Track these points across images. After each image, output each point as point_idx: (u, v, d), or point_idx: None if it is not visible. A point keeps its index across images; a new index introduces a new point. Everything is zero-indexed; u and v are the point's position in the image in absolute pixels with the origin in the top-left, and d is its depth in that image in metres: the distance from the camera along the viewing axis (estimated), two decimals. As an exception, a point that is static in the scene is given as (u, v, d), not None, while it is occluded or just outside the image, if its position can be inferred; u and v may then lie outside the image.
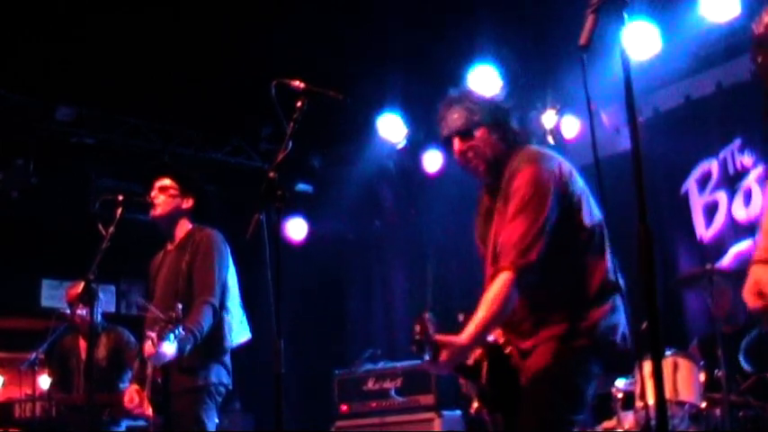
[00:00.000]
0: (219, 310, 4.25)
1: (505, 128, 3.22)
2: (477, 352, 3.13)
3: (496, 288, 2.97)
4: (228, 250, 4.42)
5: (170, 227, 4.51)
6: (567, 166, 3.15)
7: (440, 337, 2.89)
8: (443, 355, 2.89)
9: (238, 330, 4.36)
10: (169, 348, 3.89)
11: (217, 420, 4.32)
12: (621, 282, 3.11)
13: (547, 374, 3.02)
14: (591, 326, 3.02)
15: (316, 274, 9.07)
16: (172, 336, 3.84)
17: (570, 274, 3.07)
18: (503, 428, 3.12)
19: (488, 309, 2.96)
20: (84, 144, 8.01)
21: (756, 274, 2.41)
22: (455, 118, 3.21)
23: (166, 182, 4.47)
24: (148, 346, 3.91)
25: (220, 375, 4.29)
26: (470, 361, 3.12)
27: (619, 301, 3.09)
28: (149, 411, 4.11)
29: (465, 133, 3.19)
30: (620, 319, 3.07)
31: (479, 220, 3.34)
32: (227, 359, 4.34)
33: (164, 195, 4.44)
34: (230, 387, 4.36)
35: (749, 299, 2.42)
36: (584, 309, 3.04)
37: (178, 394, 4.15)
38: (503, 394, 3.09)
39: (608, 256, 3.12)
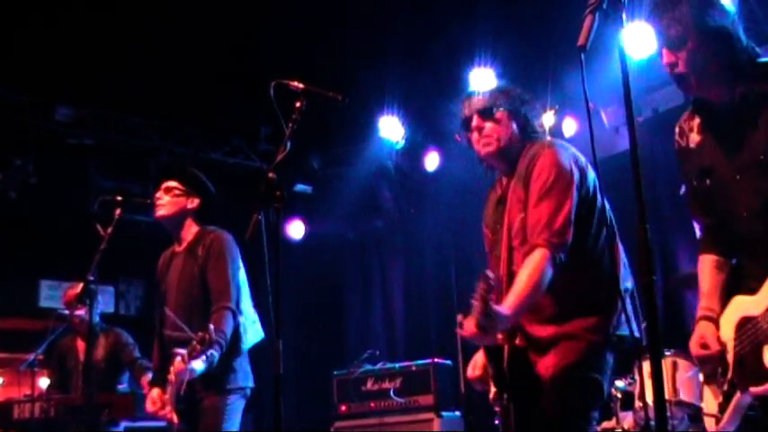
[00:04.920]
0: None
1: (526, 120, 3.28)
2: (500, 336, 3.09)
3: (533, 263, 2.95)
4: (238, 251, 4.39)
5: (176, 228, 4.46)
6: (582, 157, 3.21)
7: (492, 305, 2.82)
8: (493, 324, 2.80)
9: (252, 331, 4.35)
10: (198, 366, 3.93)
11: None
12: (631, 279, 3.13)
13: (572, 373, 3.02)
14: (607, 321, 3.04)
15: (315, 274, 9.07)
16: (204, 357, 3.88)
17: (588, 266, 3.08)
18: (516, 420, 3.09)
19: (527, 282, 2.94)
20: (83, 144, 8.00)
21: (701, 329, 2.70)
22: (479, 99, 3.29)
23: (171, 183, 4.43)
24: (178, 363, 3.92)
25: (245, 378, 4.30)
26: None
27: (628, 298, 3.10)
28: (174, 417, 4.11)
29: (485, 111, 3.26)
30: (630, 314, 3.08)
31: (489, 207, 3.37)
32: (246, 360, 4.34)
33: (168, 196, 4.41)
34: (252, 386, 4.35)
35: (694, 349, 2.71)
36: (601, 304, 3.05)
37: (205, 399, 4.17)
38: (520, 381, 3.06)
39: (621, 252, 3.14)
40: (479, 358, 3.30)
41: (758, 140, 2.52)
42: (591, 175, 3.15)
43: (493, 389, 3.10)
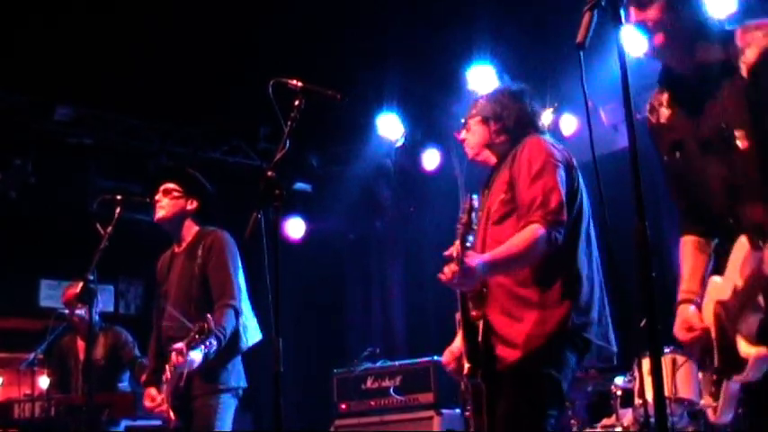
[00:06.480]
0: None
1: (505, 119, 3.37)
2: (475, 313, 3.19)
3: (525, 234, 3.03)
4: (238, 251, 4.41)
5: (175, 229, 4.49)
6: (569, 155, 3.28)
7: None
8: (468, 258, 2.92)
9: (251, 331, 4.36)
10: (197, 357, 3.94)
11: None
12: (600, 280, 3.16)
13: (528, 366, 3.05)
14: (564, 316, 3.05)
15: (314, 272, 9.07)
16: (202, 346, 3.89)
17: (556, 260, 3.10)
18: (486, 400, 3.14)
19: (511, 248, 3.04)
20: (83, 144, 8.01)
21: (683, 313, 2.68)
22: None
23: (170, 185, 4.46)
24: (176, 356, 3.92)
25: (238, 377, 4.31)
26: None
27: (597, 298, 3.13)
28: (171, 414, 4.12)
29: (463, 124, 3.50)
30: (595, 317, 3.10)
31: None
32: (239, 361, 4.34)
33: (167, 198, 4.43)
34: (245, 387, 4.37)
35: (681, 334, 2.67)
36: (563, 300, 3.08)
37: (199, 397, 4.17)
38: (491, 360, 3.11)
39: (593, 252, 3.16)
40: (456, 344, 3.35)
41: (718, 113, 2.48)
42: (575, 171, 3.23)
43: (467, 365, 3.14)
